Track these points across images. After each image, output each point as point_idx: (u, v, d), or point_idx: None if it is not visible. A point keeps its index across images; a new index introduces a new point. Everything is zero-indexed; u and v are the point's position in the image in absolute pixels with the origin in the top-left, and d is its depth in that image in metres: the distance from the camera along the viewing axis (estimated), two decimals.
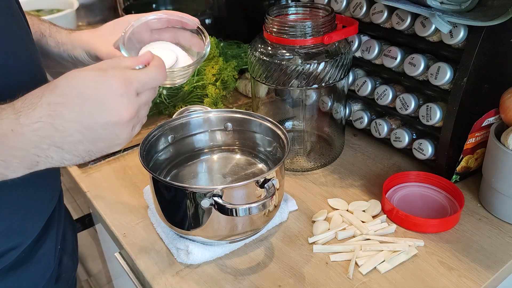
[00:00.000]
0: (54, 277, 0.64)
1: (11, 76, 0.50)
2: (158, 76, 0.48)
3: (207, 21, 1.27)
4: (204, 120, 0.77)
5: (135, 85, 0.45)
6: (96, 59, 0.63)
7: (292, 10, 0.80)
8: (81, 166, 0.88)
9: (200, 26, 0.63)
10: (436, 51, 0.74)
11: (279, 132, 0.72)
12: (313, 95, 0.85)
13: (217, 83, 0.99)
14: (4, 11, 0.51)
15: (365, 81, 0.84)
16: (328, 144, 0.90)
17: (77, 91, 0.42)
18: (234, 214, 0.56)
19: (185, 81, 0.64)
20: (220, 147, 0.80)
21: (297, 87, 0.76)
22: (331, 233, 0.69)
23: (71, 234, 0.73)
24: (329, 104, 0.86)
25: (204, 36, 0.63)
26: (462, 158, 0.75)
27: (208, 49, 0.62)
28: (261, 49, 0.77)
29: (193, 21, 0.64)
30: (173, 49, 0.62)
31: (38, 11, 1.57)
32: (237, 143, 0.79)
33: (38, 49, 0.62)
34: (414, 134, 0.81)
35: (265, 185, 0.61)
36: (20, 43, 0.53)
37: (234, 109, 0.77)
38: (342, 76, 0.78)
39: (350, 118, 0.91)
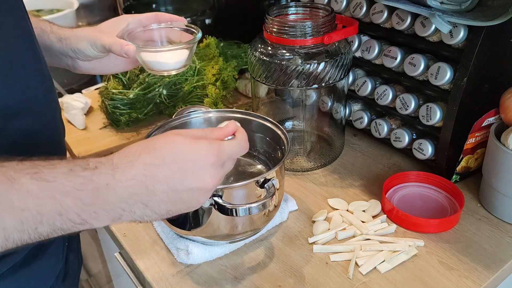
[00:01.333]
0: (62, 275, 0.64)
1: (17, 74, 0.51)
2: (243, 149, 0.52)
3: (207, 21, 1.27)
4: (204, 120, 0.77)
5: (225, 157, 0.49)
6: (102, 49, 0.65)
7: (292, 10, 0.80)
8: None
9: (188, 25, 0.70)
10: (436, 51, 0.74)
11: (279, 132, 0.72)
12: (313, 95, 0.85)
13: (217, 83, 0.99)
14: (9, 9, 0.51)
15: (365, 81, 0.84)
16: (328, 144, 0.90)
17: (174, 156, 0.46)
18: (234, 214, 0.56)
19: (184, 69, 0.69)
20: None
21: (297, 87, 0.76)
22: (331, 233, 0.69)
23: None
24: (329, 104, 0.86)
25: (194, 28, 0.69)
26: (462, 158, 0.75)
27: (200, 34, 0.67)
28: (261, 49, 0.77)
29: (180, 21, 0.70)
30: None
31: (38, 11, 1.57)
32: None
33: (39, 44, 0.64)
34: (414, 134, 0.81)
35: (265, 185, 0.61)
36: (25, 41, 0.54)
37: (234, 109, 0.77)
38: (342, 76, 0.78)
39: (350, 118, 0.91)
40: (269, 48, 0.77)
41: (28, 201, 0.39)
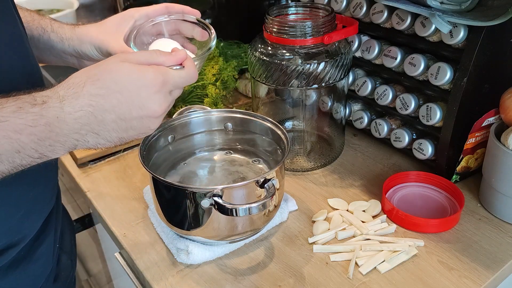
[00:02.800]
0: (53, 276, 0.64)
1: (5, 74, 0.51)
2: (191, 79, 0.53)
3: (207, 21, 1.27)
4: (204, 120, 0.77)
5: (171, 87, 0.51)
6: (108, 54, 0.64)
7: (292, 10, 0.80)
8: (81, 166, 0.88)
9: (201, 20, 0.66)
10: (436, 51, 0.74)
11: (279, 132, 0.72)
12: (313, 95, 0.85)
13: (217, 83, 0.99)
14: None
15: (365, 81, 0.84)
16: (328, 144, 0.90)
17: (118, 86, 0.47)
18: (234, 214, 0.56)
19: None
20: (220, 147, 0.80)
21: (297, 87, 0.76)
22: (331, 233, 0.69)
23: (69, 233, 0.73)
24: (329, 104, 0.86)
25: (208, 28, 0.65)
26: (462, 158, 0.75)
27: (214, 42, 0.63)
28: (261, 49, 0.77)
29: (193, 14, 0.66)
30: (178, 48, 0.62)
31: (38, 11, 1.57)
32: (237, 143, 0.79)
33: (40, 44, 0.66)
34: (414, 134, 0.81)
35: (265, 185, 0.61)
36: (15, 41, 0.53)
37: (234, 109, 0.77)
38: (342, 76, 0.78)
39: (350, 118, 0.91)
40: (269, 48, 0.77)
41: None
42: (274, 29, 0.74)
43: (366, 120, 0.87)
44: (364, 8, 0.80)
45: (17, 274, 0.57)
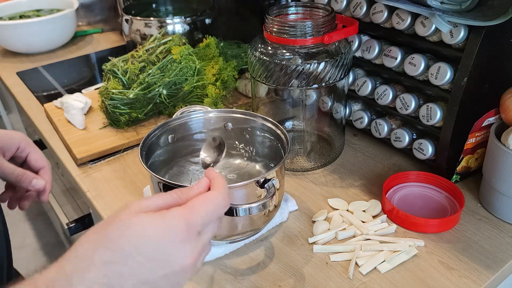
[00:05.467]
0: None
1: None
2: (221, 207, 0.43)
3: (207, 21, 1.27)
4: (204, 120, 0.77)
5: (198, 226, 0.41)
6: None
7: (292, 10, 0.80)
8: (81, 166, 0.88)
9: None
10: (436, 51, 0.74)
11: (279, 132, 0.72)
12: (313, 95, 0.85)
13: (217, 83, 0.99)
14: None
15: (365, 81, 0.84)
16: (328, 144, 0.89)
17: (134, 246, 0.38)
18: (234, 214, 0.56)
19: None
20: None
21: (297, 87, 0.76)
22: (331, 233, 0.69)
23: None
24: (329, 104, 0.86)
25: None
26: (463, 158, 0.75)
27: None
28: (261, 49, 0.77)
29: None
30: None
31: (38, 11, 1.57)
32: (237, 143, 0.79)
33: None
34: (414, 134, 0.81)
35: (265, 185, 0.61)
36: None
37: (234, 109, 0.77)
38: (342, 76, 0.77)
39: (350, 118, 0.90)
40: (269, 48, 0.77)
41: None
42: (274, 29, 0.74)
43: (366, 120, 0.87)
44: (364, 8, 0.80)
45: None
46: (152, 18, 1.23)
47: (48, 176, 0.65)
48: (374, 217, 0.72)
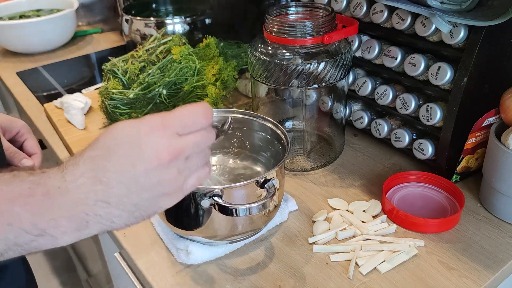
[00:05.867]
0: None
1: None
2: (199, 111, 0.43)
3: (207, 21, 1.27)
4: None
5: (174, 125, 0.41)
6: None
7: (292, 10, 0.80)
8: None
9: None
10: (437, 51, 0.74)
11: (279, 132, 0.72)
12: (313, 95, 0.85)
13: (217, 83, 0.99)
14: None
15: (365, 81, 0.84)
16: (328, 144, 0.89)
17: (116, 141, 0.41)
18: (234, 214, 0.56)
19: None
20: (220, 147, 0.79)
21: (297, 87, 0.76)
22: (331, 233, 0.69)
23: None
24: (329, 104, 0.86)
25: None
26: (463, 158, 0.75)
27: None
28: (261, 49, 0.77)
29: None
30: None
31: (38, 10, 1.57)
32: (237, 143, 0.79)
33: None
34: (414, 134, 0.81)
35: (265, 185, 0.60)
36: None
37: (234, 109, 0.77)
38: (342, 76, 0.77)
39: (350, 118, 0.90)
40: (269, 48, 0.77)
41: None
42: (274, 29, 0.74)
43: (366, 120, 0.87)
44: (364, 8, 0.80)
45: None
46: (152, 18, 1.23)
47: (38, 162, 0.69)
48: (374, 217, 0.72)
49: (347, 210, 0.74)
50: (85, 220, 0.39)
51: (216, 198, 0.58)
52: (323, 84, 0.76)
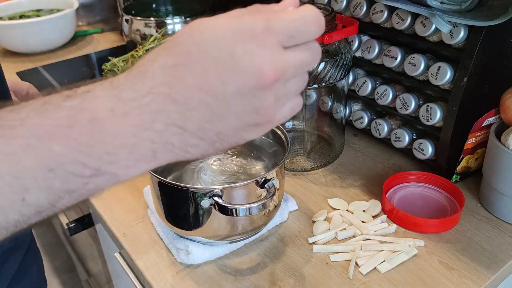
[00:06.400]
0: None
1: None
2: (313, 25, 0.31)
3: None
4: None
5: (282, 32, 0.30)
6: None
7: None
8: None
9: None
10: (436, 51, 0.74)
11: (279, 132, 0.72)
12: (313, 95, 0.85)
13: None
14: None
15: (365, 81, 0.84)
16: (328, 144, 0.89)
17: (200, 46, 0.30)
18: (234, 214, 0.56)
19: None
20: None
21: None
22: (331, 233, 0.69)
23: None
24: (329, 104, 0.86)
25: None
26: (462, 158, 0.75)
27: None
28: None
29: None
30: None
31: (38, 10, 1.57)
32: None
33: None
34: (414, 134, 0.81)
35: (265, 185, 0.60)
36: None
37: None
38: (342, 76, 0.77)
39: (350, 118, 0.90)
40: None
41: None
42: None
43: (366, 120, 0.87)
44: (364, 8, 0.80)
45: None
46: (152, 18, 1.23)
47: None
48: (374, 217, 0.72)
49: (347, 210, 0.74)
50: (152, 150, 0.30)
51: (216, 198, 0.58)
52: (323, 84, 0.76)
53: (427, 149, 0.77)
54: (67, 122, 0.28)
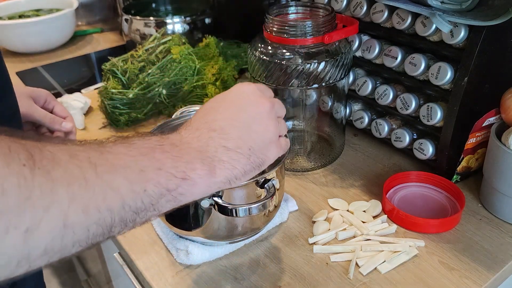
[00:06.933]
0: None
1: None
2: (269, 89, 0.53)
3: (207, 21, 1.27)
4: None
5: (258, 87, 0.50)
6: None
7: (292, 9, 0.80)
8: None
9: None
10: (437, 50, 0.74)
11: None
12: (313, 95, 0.85)
13: (217, 83, 0.99)
14: None
15: (366, 80, 0.84)
16: (328, 144, 0.89)
17: (219, 100, 0.48)
18: (234, 214, 0.56)
19: None
20: None
21: (297, 86, 0.76)
22: (332, 234, 0.68)
23: None
24: (330, 104, 0.86)
25: None
26: (463, 158, 0.75)
27: None
28: (261, 49, 0.77)
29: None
30: None
31: (37, 10, 1.57)
32: None
33: None
34: (414, 134, 0.81)
35: (265, 185, 0.60)
36: None
37: None
38: (342, 76, 0.77)
39: (351, 118, 0.90)
40: (269, 47, 0.76)
41: (125, 159, 0.37)
42: (274, 29, 0.74)
43: (366, 120, 0.87)
44: (365, 8, 0.80)
45: None
46: (151, 18, 1.23)
47: (73, 122, 0.76)
48: (374, 217, 0.72)
49: (347, 210, 0.73)
50: (213, 166, 0.43)
51: (215, 198, 0.57)
52: (323, 84, 0.76)
53: (428, 149, 0.77)
54: (158, 143, 0.41)
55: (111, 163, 0.36)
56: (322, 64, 0.74)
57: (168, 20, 1.22)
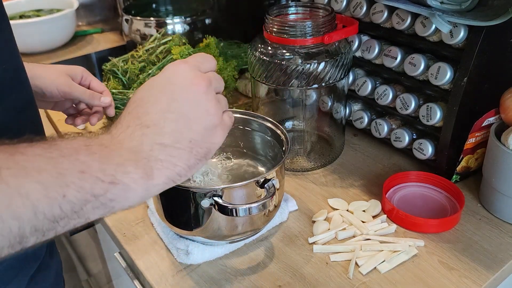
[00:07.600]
0: None
1: None
2: (208, 57, 0.47)
3: (207, 21, 1.27)
4: None
5: (193, 61, 0.45)
6: (41, 94, 0.68)
7: (292, 10, 0.80)
8: None
9: None
10: (436, 51, 0.74)
11: (279, 132, 0.72)
12: (313, 95, 0.85)
13: None
14: None
15: (365, 81, 0.84)
16: (328, 144, 0.89)
17: (145, 90, 0.43)
18: (234, 214, 0.56)
19: None
20: (220, 147, 0.79)
21: (297, 87, 0.76)
22: (331, 233, 0.69)
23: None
24: (329, 104, 0.86)
25: None
26: (462, 158, 0.75)
27: None
28: (261, 49, 0.77)
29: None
30: None
31: (38, 11, 1.57)
32: (237, 143, 0.79)
33: None
34: (414, 134, 0.81)
35: (265, 185, 0.60)
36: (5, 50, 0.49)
37: (234, 109, 0.77)
38: (342, 76, 0.77)
39: (350, 118, 0.90)
40: (269, 48, 0.77)
41: (40, 161, 0.34)
42: (274, 29, 0.74)
43: (366, 120, 0.87)
44: (364, 8, 0.80)
45: None
46: (152, 18, 1.23)
47: (111, 96, 0.76)
48: (374, 217, 0.72)
49: (347, 210, 0.74)
50: (149, 167, 0.38)
51: (216, 198, 0.58)
52: (323, 84, 0.76)
53: (427, 149, 0.77)
54: (85, 143, 0.37)
55: (21, 166, 0.32)
56: (322, 64, 0.74)
57: (169, 21, 1.22)
